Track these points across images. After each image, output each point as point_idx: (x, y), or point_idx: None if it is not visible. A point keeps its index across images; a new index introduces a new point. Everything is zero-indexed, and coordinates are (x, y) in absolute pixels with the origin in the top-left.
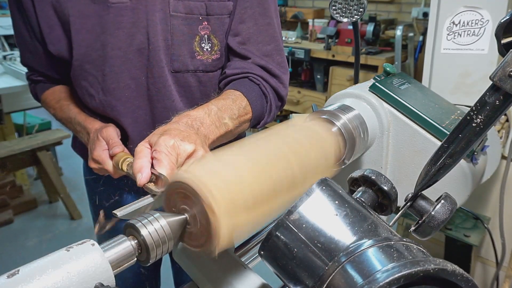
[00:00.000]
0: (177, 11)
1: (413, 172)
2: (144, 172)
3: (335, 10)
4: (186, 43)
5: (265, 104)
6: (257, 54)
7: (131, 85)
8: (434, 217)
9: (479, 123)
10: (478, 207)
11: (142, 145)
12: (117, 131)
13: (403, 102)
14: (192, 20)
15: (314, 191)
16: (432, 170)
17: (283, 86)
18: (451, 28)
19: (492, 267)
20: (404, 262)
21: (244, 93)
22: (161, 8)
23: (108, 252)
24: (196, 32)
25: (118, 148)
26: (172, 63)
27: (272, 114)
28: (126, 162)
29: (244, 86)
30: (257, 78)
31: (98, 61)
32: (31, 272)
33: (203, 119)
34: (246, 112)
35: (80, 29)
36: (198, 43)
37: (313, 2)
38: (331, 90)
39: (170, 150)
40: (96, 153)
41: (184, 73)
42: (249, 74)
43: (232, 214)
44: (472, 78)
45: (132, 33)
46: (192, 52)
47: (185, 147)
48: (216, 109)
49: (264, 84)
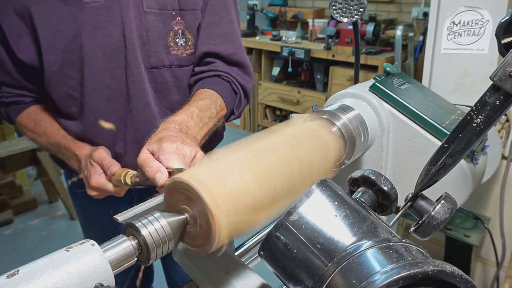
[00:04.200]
0: (151, 7)
1: (413, 172)
2: (164, 172)
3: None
4: (161, 39)
5: (235, 99)
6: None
7: (112, 85)
8: (434, 217)
9: (479, 123)
10: (478, 207)
11: (145, 153)
12: (107, 152)
13: (403, 102)
14: (165, 16)
15: (314, 192)
16: (432, 170)
17: (249, 78)
18: (451, 28)
19: (493, 267)
20: (403, 264)
21: (218, 91)
22: (134, 5)
23: (108, 252)
24: (170, 28)
25: (115, 167)
26: (148, 59)
27: (241, 107)
28: (129, 175)
29: (217, 84)
30: (227, 76)
31: (77, 63)
32: (31, 272)
33: (188, 123)
34: (221, 108)
35: (55, 32)
36: (172, 38)
37: (313, 2)
38: (331, 90)
39: (177, 151)
40: (93, 180)
41: (160, 69)
42: (219, 72)
43: (232, 216)
44: (472, 78)
45: (108, 32)
46: (167, 47)
47: (188, 149)
48: (197, 111)
49: (234, 81)
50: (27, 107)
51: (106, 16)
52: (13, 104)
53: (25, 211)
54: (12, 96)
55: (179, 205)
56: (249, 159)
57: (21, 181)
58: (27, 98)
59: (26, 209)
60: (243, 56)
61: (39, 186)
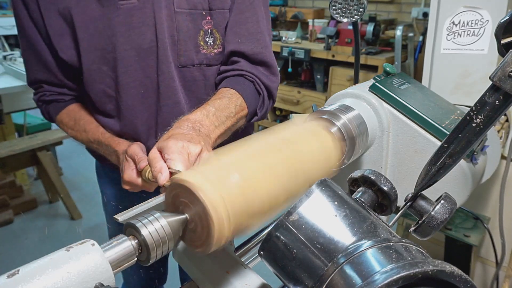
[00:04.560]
0: (181, 7)
1: (413, 172)
2: (164, 172)
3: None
4: (192, 38)
5: (259, 100)
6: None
7: (144, 83)
8: (434, 217)
9: (479, 123)
10: (478, 207)
11: (154, 153)
12: (141, 147)
13: (403, 102)
14: (196, 16)
15: (314, 192)
16: (432, 170)
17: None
18: (451, 28)
19: (492, 267)
20: (402, 264)
21: (239, 90)
22: (166, 5)
23: (108, 252)
24: (200, 27)
25: (144, 162)
26: (178, 58)
27: (265, 108)
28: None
29: (239, 83)
30: (251, 76)
31: (112, 62)
32: (31, 272)
33: (202, 121)
34: (242, 108)
35: (93, 33)
36: (202, 38)
37: (313, 2)
38: (331, 90)
39: (181, 150)
40: (126, 175)
41: (190, 68)
42: (243, 71)
43: (231, 216)
44: (472, 78)
45: (141, 32)
46: (197, 46)
47: (193, 148)
48: (214, 110)
49: (258, 81)
50: (67, 105)
51: (140, 17)
52: (53, 102)
53: (26, 211)
54: (53, 94)
55: (179, 205)
56: (250, 159)
57: (22, 181)
58: (67, 97)
59: (27, 209)
60: (269, 55)
61: (39, 186)
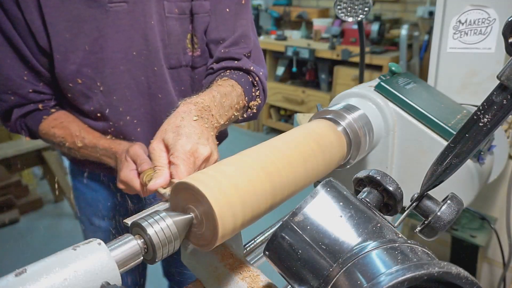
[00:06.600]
0: (172, 12)
1: (419, 172)
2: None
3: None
4: (181, 41)
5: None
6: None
7: (131, 85)
8: (440, 218)
9: (486, 123)
10: (485, 208)
11: (158, 148)
12: (144, 149)
13: (408, 101)
14: (184, 20)
15: (319, 193)
16: (438, 170)
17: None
18: (457, 27)
19: (499, 268)
20: (408, 265)
21: (238, 81)
22: (156, 11)
23: (115, 251)
24: (188, 31)
25: (146, 165)
26: (169, 60)
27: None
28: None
29: (237, 75)
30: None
31: (98, 63)
32: (38, 271)
33: (211, 108)
34: (242, 99)
35: (78, 33)
36: (189, 40)
37: (318, 2)
38: (336, 90)
39: (188, 156)
40: (122, 174)
41: (178, 69)
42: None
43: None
44: (479, 77)
45: (130, 36)
46: (185, 48)
47: (202, 151)
48: (219, 96)
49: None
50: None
51: (129, 20)
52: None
53: (31, 210)
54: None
55: (185, 205)
56: (256, 161)
57: (27, 180)
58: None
59: (32, 208)
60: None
61: (45, 185)
